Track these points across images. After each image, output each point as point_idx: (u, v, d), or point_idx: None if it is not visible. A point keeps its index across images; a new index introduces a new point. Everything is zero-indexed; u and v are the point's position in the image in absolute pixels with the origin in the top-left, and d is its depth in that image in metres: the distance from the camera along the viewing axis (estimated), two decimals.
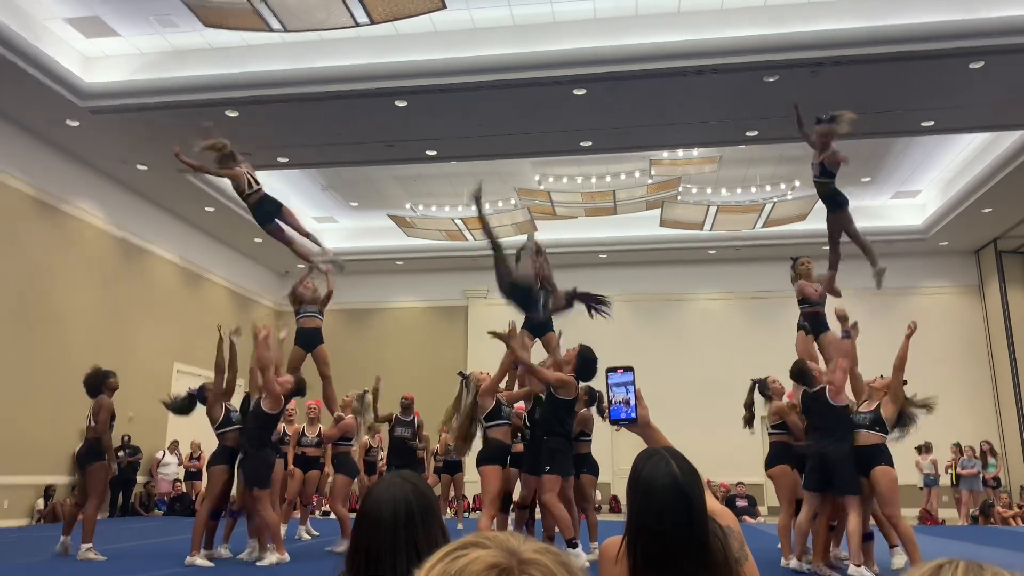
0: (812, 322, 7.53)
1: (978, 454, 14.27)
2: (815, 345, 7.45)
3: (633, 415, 2.30)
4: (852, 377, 6.62)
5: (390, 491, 1.52)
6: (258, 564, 6.76)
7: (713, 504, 1.95)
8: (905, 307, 17.37)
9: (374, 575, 1.45)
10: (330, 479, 10.31)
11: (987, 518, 13.69)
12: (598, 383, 8.11)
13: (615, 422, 2.32)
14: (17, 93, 10.41)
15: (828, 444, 6.29)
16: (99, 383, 7.88)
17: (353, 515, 2.47)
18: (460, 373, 7.01)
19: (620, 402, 2.32)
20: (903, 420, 6.55)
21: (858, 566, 5.99)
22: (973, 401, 16.56)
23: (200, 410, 7.81)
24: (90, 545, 7.12)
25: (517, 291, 6.45)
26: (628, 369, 2.36)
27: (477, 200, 6.88)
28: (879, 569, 6.45)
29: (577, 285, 6.91)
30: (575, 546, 6.22)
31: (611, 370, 2.38)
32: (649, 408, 2.30)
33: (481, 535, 0.85)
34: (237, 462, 7.14)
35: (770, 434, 7.59)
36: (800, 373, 6.84)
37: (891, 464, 6.33)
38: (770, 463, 7.45)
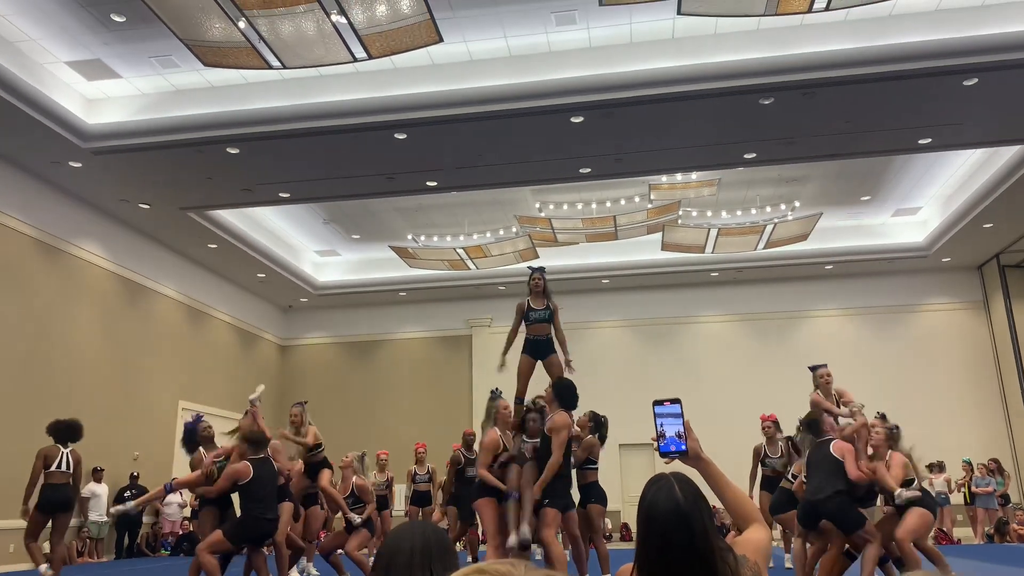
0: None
1: (989, 471, 14.12)
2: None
3: (684, 447, 2.28)
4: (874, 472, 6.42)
5: (410, 529, 1.66)
6: None
7: (752, 532, 1.97)
8: (910, 325, 17.33)
9: None
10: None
11: (1003, 536, 13.52)
12: (603, 408, 8.04)
13: (665, 454, 2.29)
14: (20, 136, 10.51)
15: (820, 497, 6.23)
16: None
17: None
18: (493, 392, 6.71)
19: (670, 435, 2.30)
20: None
21: None
22: (983, 417, 16.43)
23: (204, 447, 7.81)
24: None
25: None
26: (675, 401, 2.33)
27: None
28: None
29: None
30: None
31: (657, 403, 2.35)
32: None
33: (483, 564, 0.86)
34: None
35: (785, 479, 7.54)
36: (811, 424, 6.77)
37: (929, 508, 6.23)
38: (776, 509, 7.43)
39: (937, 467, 14.28)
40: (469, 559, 6.98)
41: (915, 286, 17.37)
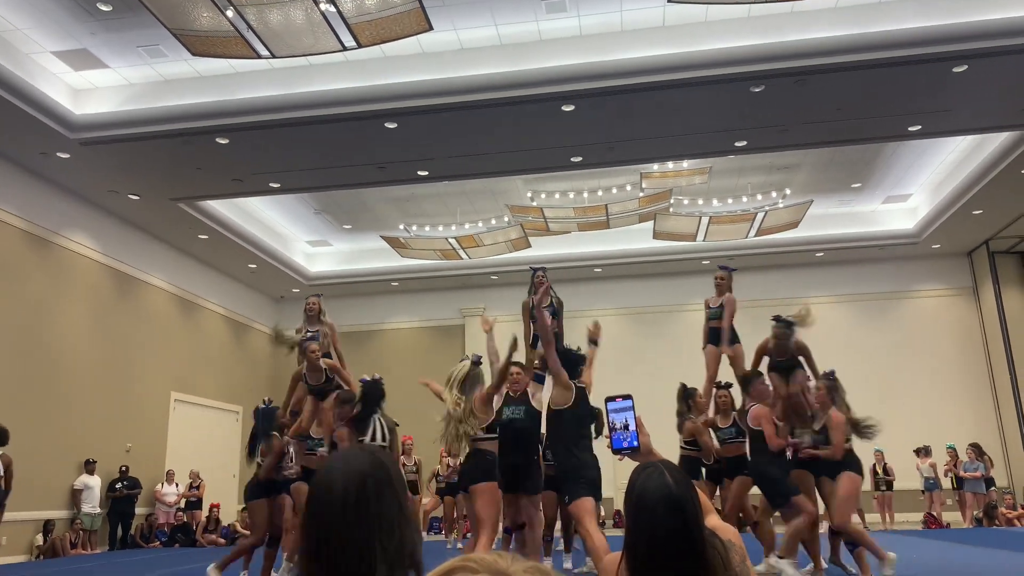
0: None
1: (977, 456, 14.25)
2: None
3: (635, 443, 2.30)
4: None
5: (342, 462, 1.43)
6: None
7: (715, 520, 1.96)
8: (900, 311, 17.43)
9: (327, 556, 1.35)
10: None
11: (991, 520, 13.65)
12: (593, 396, 8.06)
13: (617, 451, 2.33)
14: (6, 127, 10.42)
15: (759, 464, 6.34)
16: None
17: None
18: (469, 356, 5.94)
19: (620, 430, 2.33)
20: (862, 433, 6.48)
21: (781, 557, 6.03)
22: (972, 403, 16.56)
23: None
24: None
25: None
26: (627, 397, 2.36)
27: None
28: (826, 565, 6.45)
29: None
30: None
31: (609, 399, 2.38)
32: (646, 420, 2.30)
33: (468, 558, 0.83)
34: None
35: (681, 448, 7.58)
36: (744, 382, 6.88)
37: (854, 470, 6.25)
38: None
39: (924, 451, 14.40)
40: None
41: (905, 273, 17.46)
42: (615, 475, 16.97)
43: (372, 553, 1.32)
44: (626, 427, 2.32)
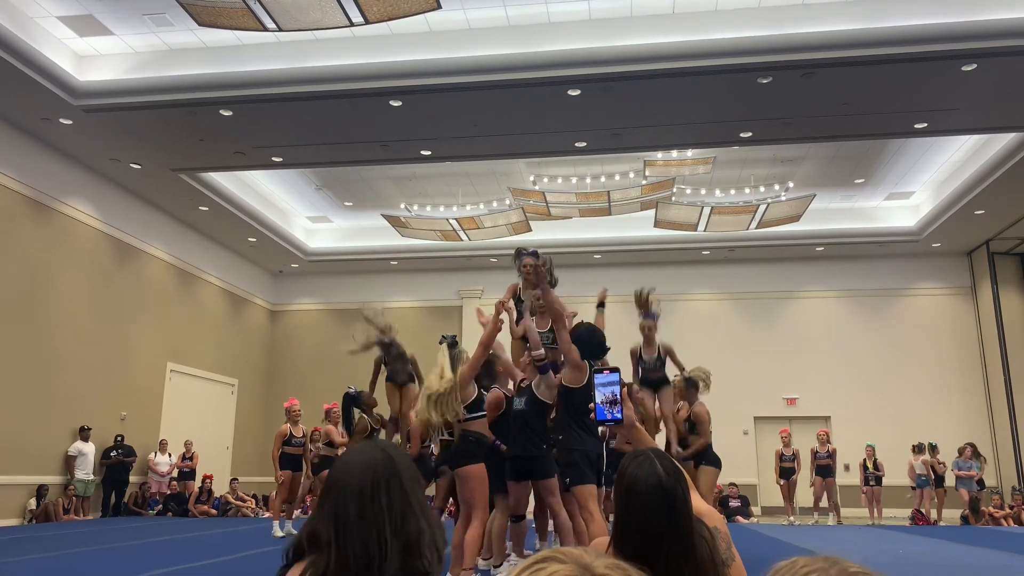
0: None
1: (970, 455, 14.31)
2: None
3: (619, 416, 2.32)
4: None
5: (359, 455, 1.52)
6: None
7: (700, 505, 1.97)
8: (897, 308, 17.47)
9: (339, 545, 1.43)
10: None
11: (977, 518, 13.75)
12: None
13: (601, 422, 2.35)
14: (9, 91, 10.37)
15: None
16: None
17: None
18: (445, 337, 5.68)
19: (606, 403, 2.34)
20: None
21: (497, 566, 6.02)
22: (965, 401, 16.64)
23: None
24: None
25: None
26: (614, 370, 2.38)
27: None
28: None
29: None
30: None
31: (597, 371, 2.41)
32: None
33: (557, 551, 0.90)
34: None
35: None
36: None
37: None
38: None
39: (918, 449, 14.46)
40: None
41: (905, 270, 17.48)
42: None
43: (384, 542, 1.41)
44: (613, 401, 2.33)
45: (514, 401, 5.97)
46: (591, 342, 5.35)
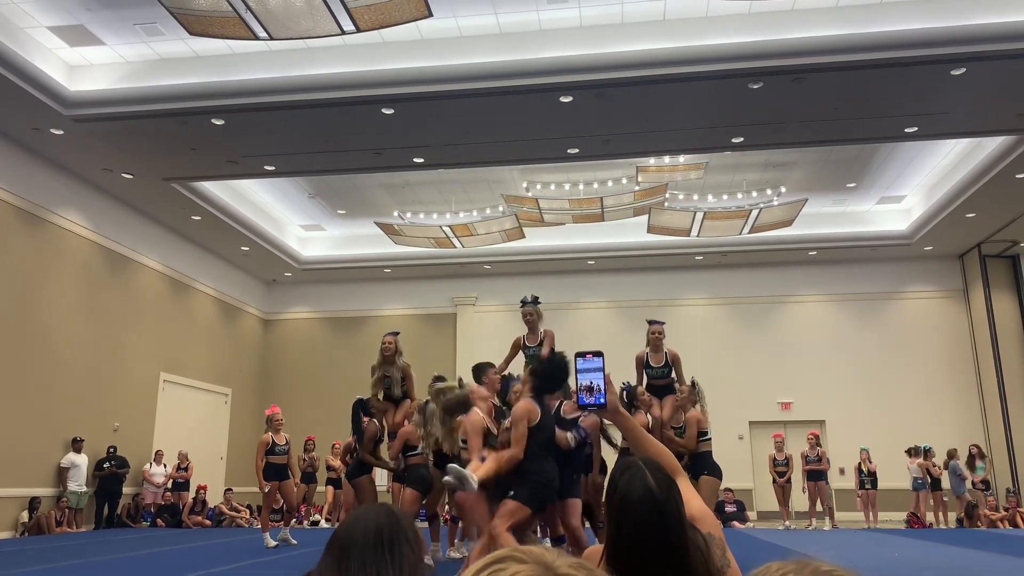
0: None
1: (981, 456, 14.38)
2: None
3: (602, 400, 2.28)
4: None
5: (363, 515, 1.61)
6: None
7: (695, 509, 1.94)
8: (890, 312, 17.52)
9: None
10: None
11: (971, 521, 13.76)
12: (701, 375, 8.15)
13: (583, 407, 2.30)
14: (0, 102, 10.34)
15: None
16: None
17: None
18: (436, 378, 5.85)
19: (588, 388, 2.30)
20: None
21: None
22: (959, 404, 16.68)
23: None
24: None
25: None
26: (598, 354, 2.32)
27: None
28: None
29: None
30: None
31: (580, 355, 2.33)
32: None
33: (516, 549, 0.88)
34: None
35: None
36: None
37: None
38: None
39: (914, 452, 14.48)
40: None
41: (897, 274, 17.54)
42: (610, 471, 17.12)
43: None
44: (590, 388, 2.29)
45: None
46: (552, 379, 5.30)
